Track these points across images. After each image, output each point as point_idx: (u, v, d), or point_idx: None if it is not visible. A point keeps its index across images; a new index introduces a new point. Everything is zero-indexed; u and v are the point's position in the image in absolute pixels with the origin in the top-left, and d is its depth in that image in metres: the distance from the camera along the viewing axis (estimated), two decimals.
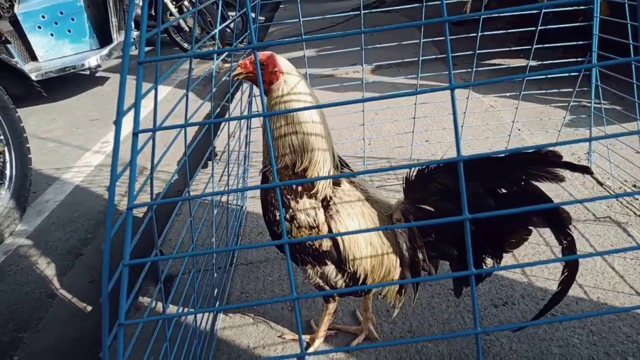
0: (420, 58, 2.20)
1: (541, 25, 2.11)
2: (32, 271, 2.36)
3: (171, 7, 5.53)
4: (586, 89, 2.34)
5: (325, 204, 1.30)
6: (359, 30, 0.69)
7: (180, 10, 5.70)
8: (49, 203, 2.97)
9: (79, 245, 2.54)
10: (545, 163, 1.07)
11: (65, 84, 5.37)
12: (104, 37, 4.85)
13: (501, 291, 1.71)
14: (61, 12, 4.69)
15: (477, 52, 2.16)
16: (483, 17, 2.22)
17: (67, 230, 2.68)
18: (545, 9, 2.23)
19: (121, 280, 0.66)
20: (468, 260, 0.69)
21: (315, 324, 1.64)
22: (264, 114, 0.68)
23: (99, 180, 3.19)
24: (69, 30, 4.78)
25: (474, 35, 2.11)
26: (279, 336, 1.61)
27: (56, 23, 4.71)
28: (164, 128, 0.76)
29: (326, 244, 1.31)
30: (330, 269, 1.34)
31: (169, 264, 1.78)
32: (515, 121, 2.38)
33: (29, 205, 2.86)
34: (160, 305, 1.81)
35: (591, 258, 1.82)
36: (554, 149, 1.06)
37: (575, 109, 2.96)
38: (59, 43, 4.75)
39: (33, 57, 4.61)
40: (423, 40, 2.12)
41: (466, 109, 2.45)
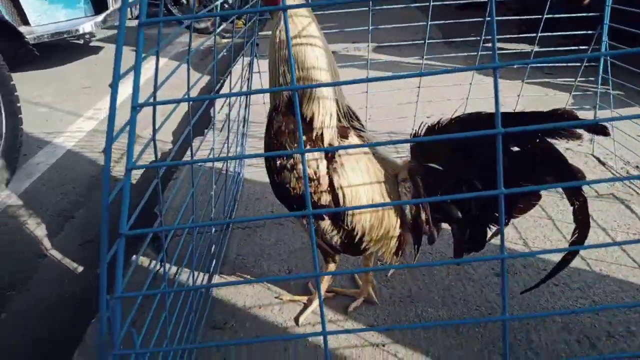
0: (426, 41, 2.14)
1: (546, 14, 2.07)
2: (21, 231, 2.29)
3: None
4: (592, 78, 2.31)
5: (331, 155, 1.25)
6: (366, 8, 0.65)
7: None
8: (40, 165, 2.89)
9: (69, 208, 2.48)
10: (562, 119, 1.04)
11: (59, 51, 5.24)
12: (99, 4, 4.72)
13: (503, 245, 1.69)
14: None
15: (483, 38, 2.12)
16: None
17: (58, 192, 2.61)
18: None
19: (117, 252, 0.61)
20: (501, 245, 0.68)
21: (313, 286, 1.60)
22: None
23: (92, 146, 3.12)
24: None
25: (479, 20, 2.05)
26: (276, 297, 1.57)
27: None
28: (165, 102, 0.69)
29: (325, 198, 1.25)
30: (326, 223, 1.29)
31: (171, 234, 1.73)
32: (521, 97, 2.35)
33: (19, 167, 2.78)
34: (155, 265, 1.76)
35: (594, 233, 1.80)
36: (568, 109, 1.03)
37: (579, 90, 2.94)
38: (52, 7, 4.61)
39: (25, 21, 4.46)
40: (430, 23, 2.07)
41: (469, 90, 2.40)
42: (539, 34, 2.13)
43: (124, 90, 2.74)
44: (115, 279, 0.66)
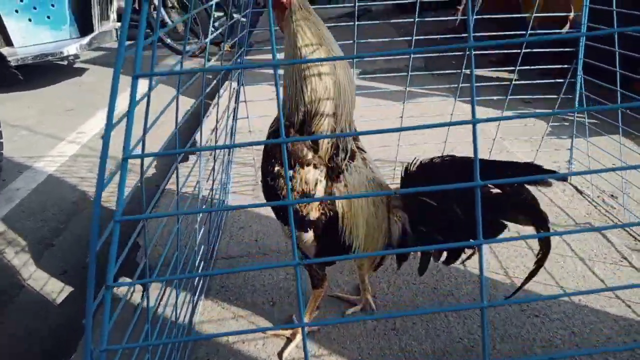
0: (409, 73, 2.21)
1: (525, 48, 2.16)
2: None
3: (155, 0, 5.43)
4: (570, 96, 2.39)
5: (336, 175, 1.29)
6: (355, 55, 0.68)
7: (164, 3, 5.61)
8: (20, 191, 2.84)
9: (49, 235, 2.43)
10: (533, 172, 1.10)
11: (42, 72, 5.20)
12: (84, 26, 4.72)
13: (484, 291, 1.71)
14: None
15: (462, 71, 2.19)
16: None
17: (38, 219, 2.57)
18: (529, 42, 2.27)
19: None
20: (481, 294, 0.69)
21: (297, 319, 1.60)
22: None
23: (73, 171, 3.08)
24: (48, 17, 4.63)
25: (460, 53, 2.12)
26: (260, 331, 1.56)
27: (35, 8, 4.55)
28: (154, 154, 0.70)
29: (316, 214, 1.28)
30: (309, 236, 1.32)
31: (149, 253, 1.71)
32: (499, 130, 2.41)
33: None
34: (137, 297, 1.73)
35: (572, 262, 1.84)
36: (539, 165, 1.10)
37: (557, 119, 3.02)
38: (37, 29, 4.59)
39: (8, 42, 4.43)
40: (412, 56, 2.14)
41: (451, 118, 2.45)
42: (517, 67, 2.20)
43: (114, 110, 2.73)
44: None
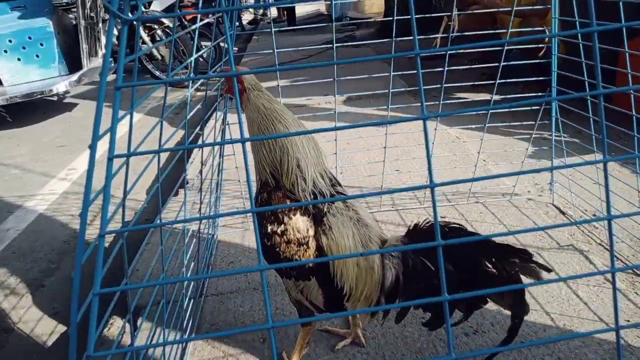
0: (390, 90, 2.27)
1: (504, 62, 2.23)
2: None
3: (144, 35, 5.53)
4: (547, 121, 2.47)
5: (319, 218, 1.33)
6: (332, 62, 0.72)
7: (153, 39, 5.71)
8: (10, 232, 2.84)
9: (40, 276, 2.44)
10: (523, 259, 1.17)
11: (32, 109, 5.25)
12: (73, 63, 4.79)
13: (472, 320, 1.73)
14: (29, 37, 4.63)
15: (444, 86, 2.26)
16: (450, 53, 2.34)
17: (28, 260, 2.57)
18: (508, 45, 2.36)
19: (90, 310, 0.64)
20: (442, 287, 0.72)
21: (287, 356, 1.61)
22: (241, 140, 0.70)
23: (64, 209, 3.09)
24: (37, 56, 4.71)
25: (441, 70, 2.21)
26: None
27: (24, 48, 4.63)
28: (139, 153, 0.75)
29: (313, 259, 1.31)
30: (312, 283, 1.36)
31: (138, 295, 1.73)
32: (481, 152, 2.47)
33: None
34: (128, 338, 1.74)
35: (557, 286, 1.88)
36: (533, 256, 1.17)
37: (537, 142, 3.10)
38: (26, 68, 4.66)
39: None
40: (392, 74, 2.20)
41: (434, 140, 2.52)
42: (497, 81, 2.27)
43: (100, 151, 2.77)
44: (88, 338, 0.67)
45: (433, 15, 2.94)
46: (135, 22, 0.68)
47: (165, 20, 5.59)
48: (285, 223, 1.32)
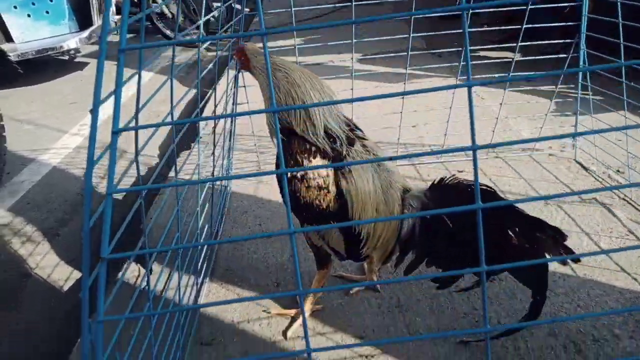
0: (409, 52, 2.18)
1: (528, 22, 2.12)
2: (5, 251, 2.26)
3: None
4: (572, 85, 2.36)
5: (339, 162, 1.30)
6: (351, 20, 0.66)
7: None
8: (24, 184, 2.85)
9: (56, 226, 2.45)
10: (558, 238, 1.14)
11: (43, 68, 5.21)
12: (84, 20, 4.70)
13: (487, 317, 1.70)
14: None
15: (470, 48, 2.15)
16: (471, 13, 2.23)
17: (43, 210, 2.58)
18: (532, 4, 2.23)
19: (99, 277, 0.61)
20: (480, 257, 0.69)
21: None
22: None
23: (77, 162, 3.09)
24: (47, 12, 4.62)
25: (461, 31, 2.10)
26: (264, 310, 1.57)
27: (33, 4, 4.54)
28: (146, 126, 0.69)
29: (333, 204, 1.30)
30: (334, 229, 1.34)
31: (155, 255, 1.72)
32: (503, 108, 2.38)
33: (2, 186, 2.75)
34: (140, 283, 1.74)
35: (578, 237, 1.83)
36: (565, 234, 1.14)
37: (560, 100, 2.99)
38: (36, 24, 4.59)
39: (8, 38, 4.43)
40: (412, 35, 2.13)
41: (453, 98, 2.43)
42: (519, 43, 2.17)
43: (108, 109, 2.73)
44: (97, 302, 0.66)
45: None
46: None
47: None
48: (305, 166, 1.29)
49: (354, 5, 2.04)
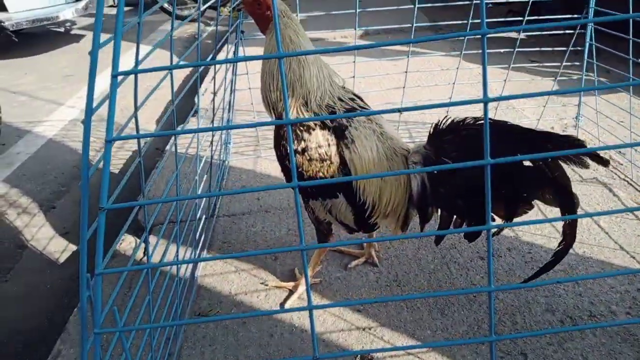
0: (414, 25, 2.13)
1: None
2: (1, 222, 2.24)
3: None
4: (577, 62, 2.32)
5: (340, 132, 1.27)
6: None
7: None
8: (20, 155, 2.82)
9: (51, 198, 2.43)
10: (573, 147, 1.06)
11: (40, 40, 5.12)
12: None
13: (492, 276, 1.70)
14: None
15: (471, 22, 2.11)
16: None
17: (39, 182, 2.56)
18: None
19: (98, 227, 0.59)
20: (487, 216, 0.68)
21: (299, 272, 1.59)
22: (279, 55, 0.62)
23: (73, 135, 3.05)
24: None
25: (463, 3, 2.05)
26: (262, 283, 1.56)
27: None
28: (147, 70, 0.66)
29: (338, 175, 1.28)
30: (339, 201, 1.32)
31: (154, 214, 1.70)
32: (507, 85, 2.35)
33: None
34: (141, 252, 1.73)
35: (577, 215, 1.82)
36: (582, 140, 1.08)
37: (563, 81, 2.96)
38: None
39: (3, 8, 4.34)
40: (416, 6, 2.08)
41: (455, 78, 2.38)
42: (525, 18, 2.12)
43: (104, 80, 2.69)
44: (96, 255, 0.64)
45: None
46: None
47: None
48: (305, 139, 1.26)
49: None
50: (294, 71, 1.26)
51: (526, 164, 1.15)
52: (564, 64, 2.26)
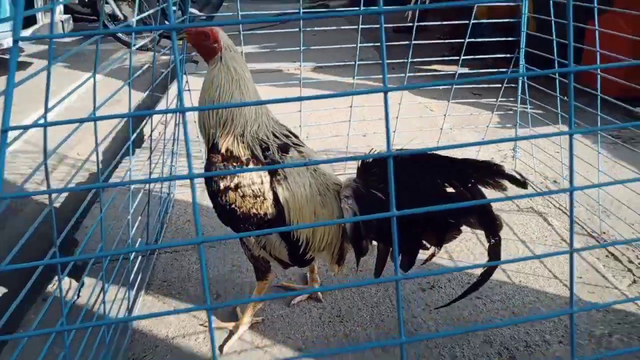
0: (357, 62, 2.21)
1: (475, 37, 2.20)
2: None
3: None
4: (512, 98, 2.46)
5: (273, 170, 1.28)
6: (299, 16, 0.65)
7: None
8: None
9: None
10: (493, 172, 1.11)
11: None
12: (27, 18, 4.47)
13: (428, 275, 1.72)
14: None
15: (413, 60, 2.21)
16: (420, 26, 2.29)
17: None
18: (476, 19, 2.30)
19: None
20: (395, 267, 0.67)
21: (240, 311, 1.56)
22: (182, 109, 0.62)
23: (13, 167, 2.90)
24: None
25: (413, 43, 2.16)
26: (201, 324, 1.51)
27: None
28: (43, 124, 0.65)
29: (271, 211, 1.28)
30: (273, 237, 1.32)
31: (90, 263, 1.62)
32: (447, 120, 2.44)
33: None
34: (71, 297, 1.64)
35: (514, 245, 1.89)
36: (499, 164, 1.12)
37: (502, 110, 3.11)
38: None
39: None
40: (363, 45, 2.16)
41: (399, 108, 2.46)
42: (462, 57, 2.24)
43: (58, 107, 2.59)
44: None
45: None
46: None
47: None
48: (238, 175, 1.26)
49: (301, 13, 2.04)
50: (235, 100, 1.28)
51: (449, 190, 1.18)
52: (500, 99, 2.38)
